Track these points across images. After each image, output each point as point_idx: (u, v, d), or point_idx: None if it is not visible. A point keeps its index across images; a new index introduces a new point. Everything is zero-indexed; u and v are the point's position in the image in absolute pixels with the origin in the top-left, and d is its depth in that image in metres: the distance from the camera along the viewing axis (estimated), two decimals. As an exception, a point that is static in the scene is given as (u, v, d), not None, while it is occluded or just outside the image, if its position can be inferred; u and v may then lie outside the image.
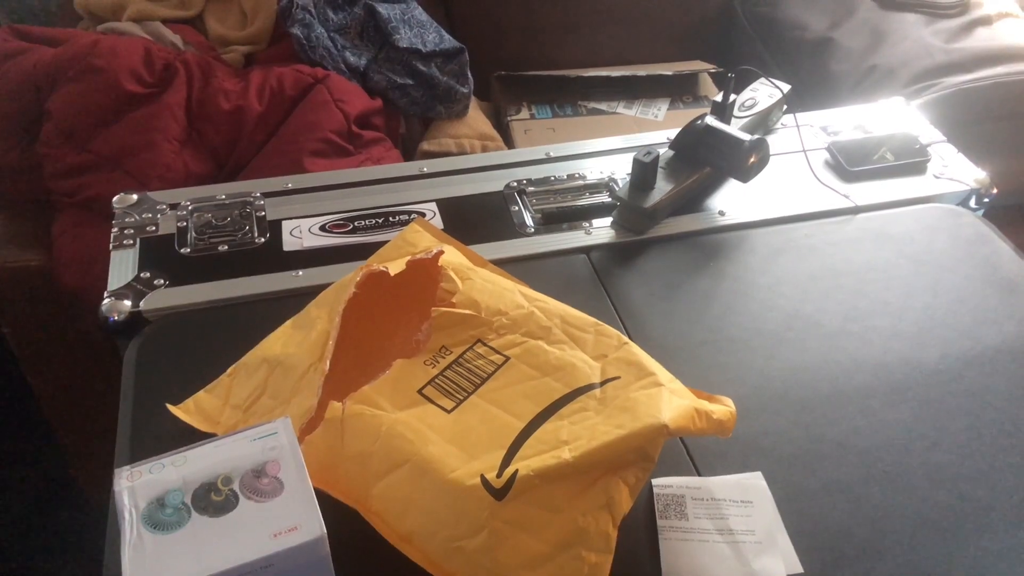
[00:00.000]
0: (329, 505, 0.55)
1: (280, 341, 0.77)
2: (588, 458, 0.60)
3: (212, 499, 0.54)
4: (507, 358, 0.70)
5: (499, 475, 0.59)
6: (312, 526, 0.53)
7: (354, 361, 0.73)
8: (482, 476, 0.59)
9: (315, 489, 0.55)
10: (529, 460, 0.60)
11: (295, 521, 0.53)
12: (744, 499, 0.69)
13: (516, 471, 0.59)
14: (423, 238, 0.85)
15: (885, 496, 0.70)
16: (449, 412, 0.67)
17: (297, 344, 0.74)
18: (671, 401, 0.63)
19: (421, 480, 0.62)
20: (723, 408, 0.67)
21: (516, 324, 0.72)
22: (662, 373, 0.67)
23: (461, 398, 0.68)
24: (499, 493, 0.58)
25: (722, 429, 0.66)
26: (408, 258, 0.78)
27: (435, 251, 0.79)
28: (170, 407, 0.73)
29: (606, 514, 0.60)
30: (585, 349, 0.70)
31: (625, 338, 0.71)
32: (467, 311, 0.73)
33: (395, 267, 0.77)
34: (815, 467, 0.73)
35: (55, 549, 1.43)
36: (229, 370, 0.77)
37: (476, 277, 0.77)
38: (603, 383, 0.66)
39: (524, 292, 0.76)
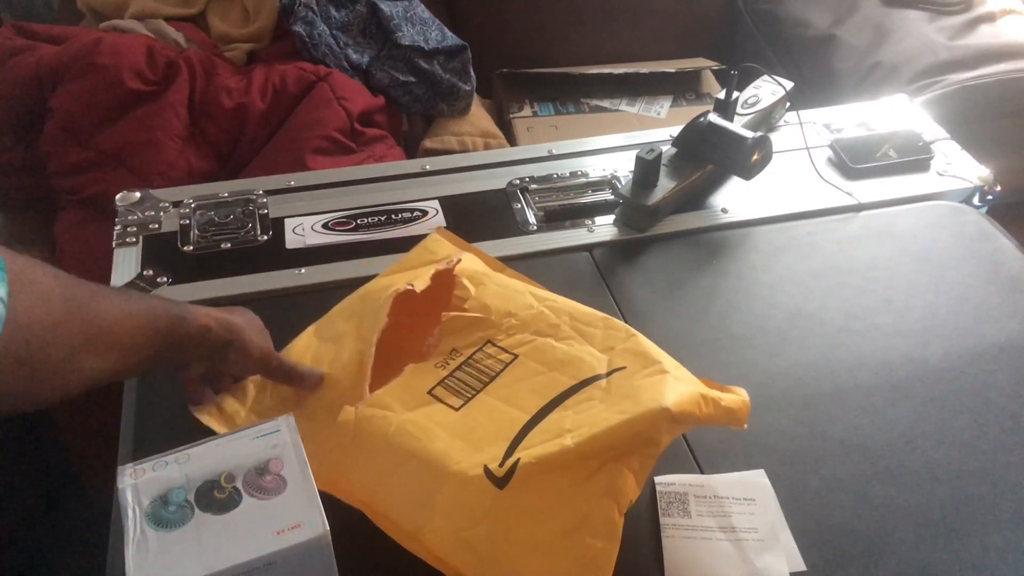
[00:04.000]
0: (332, 503, 0.55)
1: (308, 354, 0.77)
2: (589, 444, 0.60)
3: (215, 497, 0.54)
4: (515, 356, 0.71)
5: (501, 464, 0.60)
6: (315, 524, 0.53)
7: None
8: (485, 466, 0.60)
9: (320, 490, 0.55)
10: (531, 449, 0.61)
11: (298, 519, 0.53)
12: (747, 497, 0.69)
13: (518, 459, 0.59)
14: (443, 247, 0.86)
15: (888, 493, 0.70)
16: (457, 410, 0.67)
17: (329, 364, 0.75)
18: (675, 387, 0.63)
19: (426, 475, 0.62)
20: (734, 397, 0.66)
21: (525, 324, 0.73)
22: (668, 361, 0.67)
23: (469, 396, 0.68)
24: (501, 482, 0.59)
25: (734, 419, 0.66)
26: (432, 272, 0.79)
27: (454, 261, 0.80)
28: (191, 408, 0.74)
29: (610, 501, 0.60)
30: (593, 343, 0.71)
31: (633, 331, 0.71)
32: (477, 314, 0.74)
33: (420, 283, 0.77)
34: (818, 465, 0.73)
35: (59, 546, 1.43)
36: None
37: (489, 282, 0.78)
38: (609, 373, 0.67)
39: (535, 293, 0.77)
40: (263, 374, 0.74)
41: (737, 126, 1.00)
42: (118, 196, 1.00)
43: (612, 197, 1.03)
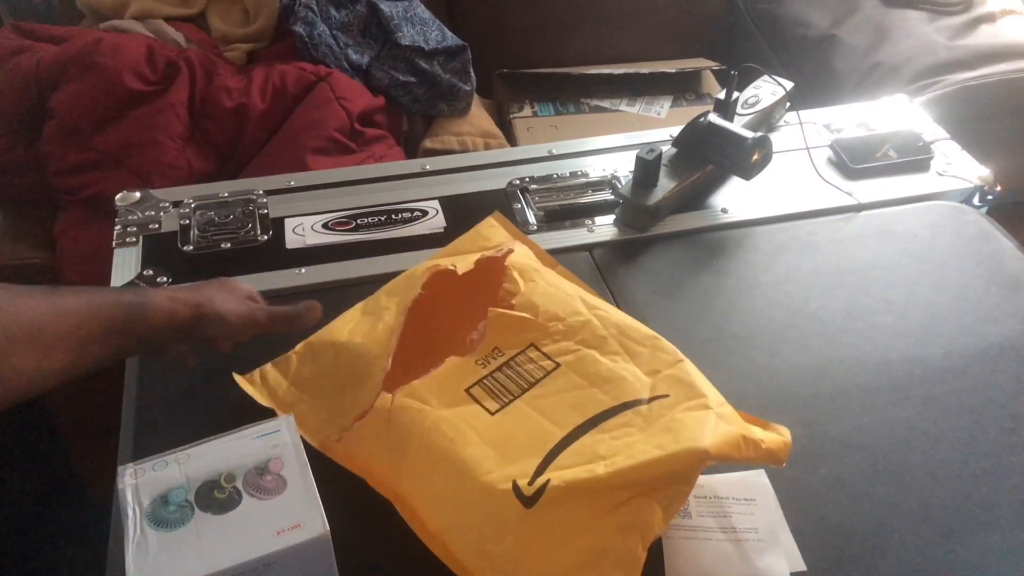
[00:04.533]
0: (332, 503, 0.55)
1: (348, 326, 0.77)
2: (621, 476, 0.59)
3: (215, 497, 0.54)
4: (557, 364, 0.70)
5: (531, 483, 0.59)
6: (315, 524, 0.53)
7: (412, 350, 0.73)
8: (514, 482, 0.59)
9: (326, 481, 0.55)
10: (563, 471, 0.60)
11: (298, 519, 0.53)
12: (747, 497, 0.69)
13: (548, 481, 0.59)
14: (497, 233, 0.86)
15: (888, 494, 0.70)
16: (493, 414, 0.66)
17: (364, 334, 0.74)
18: (716, 426, 0.62)
19: (456, 480, 0.62)
20: (775, 437, 0.65)
21: (572, 331, 0.72)
22: (713, 395, 0.66)
23: (506, 401, 0.67)
24: (529, 501, 0.58)
25: (773, 459, 0.65)
26: (478, 256, 0.78)
27: (505, 250, 0.79)
28: (235, 376, 0.75)
29: (636, 534, 0.60)
30: (639, 363, 0.69)
31: (681, 355, 0.70)
32: (524, 314, 0.73)
33: (463, 265, 0.77)
34: (818, 465, 0.73)
35: (58, 546, 1.43)
36: (298, 347, 0.77)
37: (539, 279, 0.77)
38: (651, 400, 0.66)
39: (585, 299, 0.76)
40: (258, 331, 0.73)
41: (737, 126, 1.00)
42: (118, 196, 1.00)
43: (612, 197, 1.03)
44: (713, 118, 1.00)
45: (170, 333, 0.67)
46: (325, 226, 0.97)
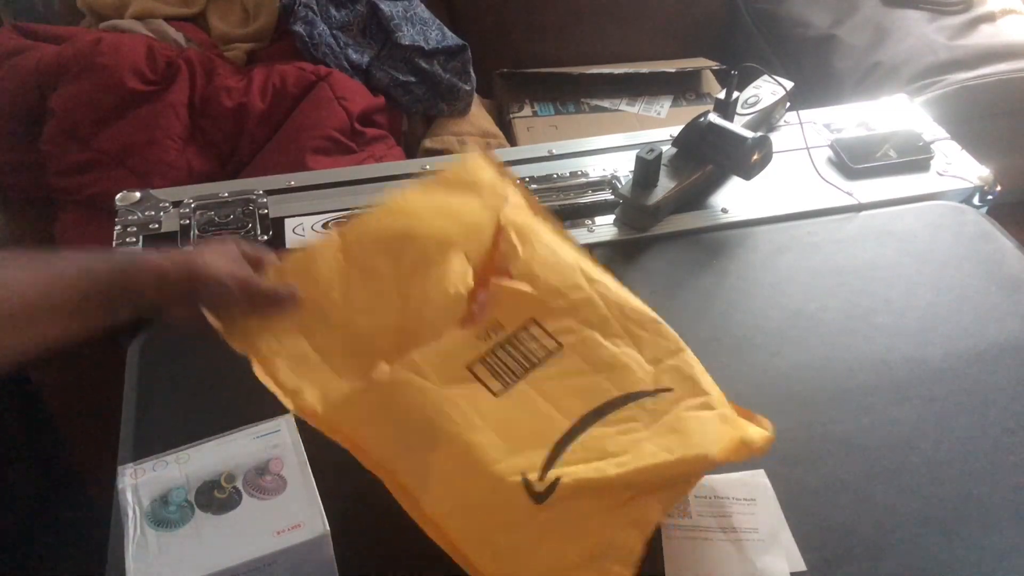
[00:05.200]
0: (331, 502, 0.55)
1: (336, 273, 0.72)
2: (632, 477, 0.60)
3: (215, 496, 0.54)
4: (560, 345, 0.68)
5: (541, 477, 0.59)
6: (315, 524, 0.53)
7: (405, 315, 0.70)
8: (524, 476, 0.59)
9: (326, 481, 0.55)
10: (573, 468, 0.60)
11: (298, 518, 0.53)
12: (747, 497, 0.69)
13: (559, 478, 0.59)
14: (485, 172, 0.81)
15: (888, 494, 0.70)
16: (496, 396, 0.65)
17: (362, 309, 0.70)
18: (723, 433, 0.64)
19: (462, 466, 0.61)
20: (760, 432, 0.66)
21: (574, 309, 0.70)
22: (715, 392, 0.67)
23: (510, 382, 0.66)
24: (539, 497, 0.59)
25: (758, 452, 0.66)
26: (489, 245, 0.74)
27: (509, 202, 0.77)
28: (209, 315, 0.67)
29: (637, 530, 0.61)
30: (641, 349, 0.69)
31: (682, 343, 0.70)
32: (524, 286, 0.71)
33: (476, 265, 0.73)
34: (818, 465, 0.72)
35: (58, 546, 1.43)
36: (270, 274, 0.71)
37: (537, 242, 0.74)
38: (655, 393, 0.66)
39: (585, 271, 0.74)
40: (248, 304, 0.67)
41: (737, 126, 1.00)
42: (118, 196, 1.00)
43: (612, 197, 1.03)
44: (713, 118, 1.00)
45: (164, 294, 0.63)
46: (325, 226, 0.97)
